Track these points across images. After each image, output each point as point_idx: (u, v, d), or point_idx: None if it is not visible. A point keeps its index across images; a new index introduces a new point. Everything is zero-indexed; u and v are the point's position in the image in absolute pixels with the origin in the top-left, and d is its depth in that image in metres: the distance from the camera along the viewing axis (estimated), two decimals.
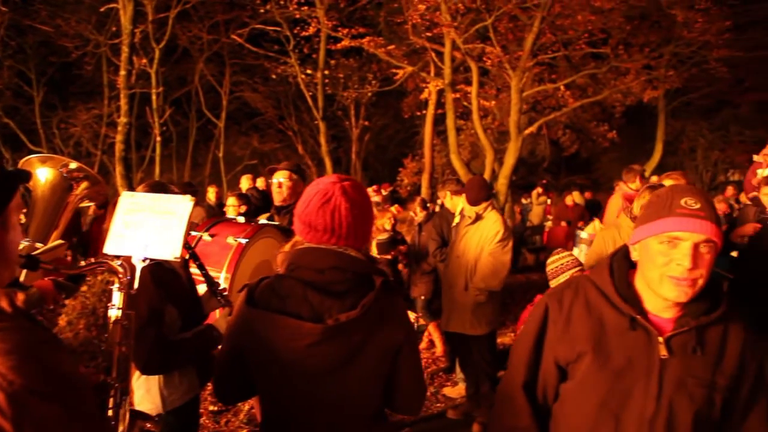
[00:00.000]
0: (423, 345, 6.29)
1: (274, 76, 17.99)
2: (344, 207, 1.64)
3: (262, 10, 15.53)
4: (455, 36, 11.83)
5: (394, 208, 9.13)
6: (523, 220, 13.34)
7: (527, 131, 12.91)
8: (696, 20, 12.52)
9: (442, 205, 6.04)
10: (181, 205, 1.98)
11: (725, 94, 18.94)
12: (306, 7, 14.99)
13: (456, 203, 5.29)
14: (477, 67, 12.20)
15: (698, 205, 1.43)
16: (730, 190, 11.13)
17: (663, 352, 1.48)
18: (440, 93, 14.15)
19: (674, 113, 19.75)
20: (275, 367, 1.62)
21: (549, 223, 12.06)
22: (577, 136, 18.78)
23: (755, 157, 5.33)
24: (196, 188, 7.25)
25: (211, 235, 3.68)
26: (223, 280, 3.44)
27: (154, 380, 2.39)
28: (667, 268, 1.43)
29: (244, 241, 3.55)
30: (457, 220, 4.86)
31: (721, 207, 7.42)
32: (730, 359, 1.51)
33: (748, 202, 5.58)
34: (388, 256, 4.94)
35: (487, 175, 12.27)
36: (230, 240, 3.57)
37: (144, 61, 15.26)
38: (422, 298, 5.80)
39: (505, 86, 13.56)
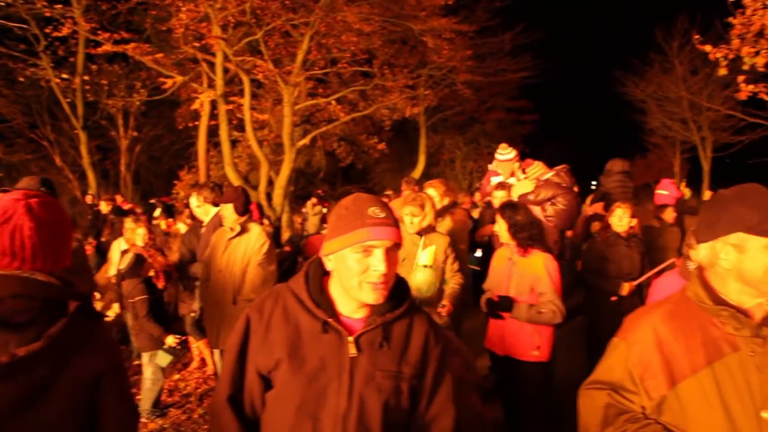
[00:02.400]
0: (195, 365, 6.12)
1: (22, 79, 15.97)
2: (27, 227, 1.51)
3: (2, 3, 13.71)
4: (226, 48, 11.78)
5: (163, 223, 8.75)
6: (302, 229, 13.68)
7: (300, 143, 13.33)
8: (443, 47, 14.15)
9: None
10: None
11: (474, 112, 21.71)
12: (60, 5, 13.63)
13: (208, 211, 5.15)
14: (249, 79, 12.29)
15: (384, 214, 1.55)
16: (478, 196, 12.73)
17: (352, 350, 1.57)
18: (214, 104, 13.94)
19: (435, 128, 22.00)
20: None
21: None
22: (351, 148, 19.85)
23: (490, 167, 6.23)
24: None
25: None
26: None
27: None
28: (366, 275, 1.53)
29: None
30: (229, 234, 4.59)
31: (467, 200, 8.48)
32: (415, 349, 1.65)
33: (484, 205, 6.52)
34: (137, 278, 4.63)
35: (262, 187, 12.41)
36: None
37: None
38: (191, 315, 5.57)
39: (280, 99, 13.86)
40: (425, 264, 3.53)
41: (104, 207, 10.41)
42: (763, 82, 9.09)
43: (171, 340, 4.52)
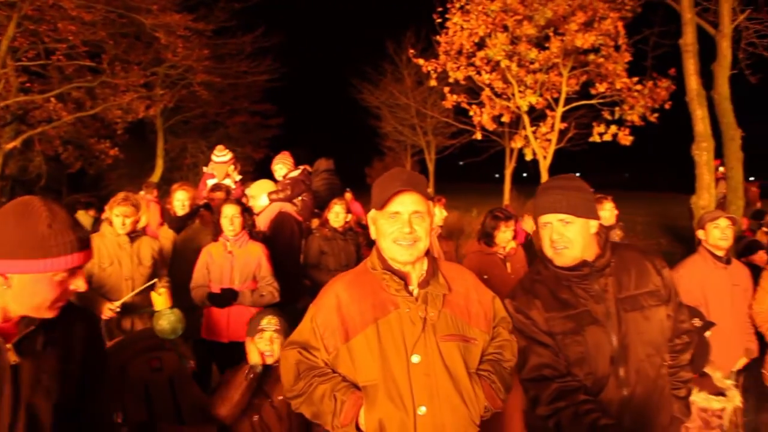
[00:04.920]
0: None
1: None
2: None
3: None
4: None
5: None
6: None
7: (10, 145, 11.60)
8: (178, 45, 13.56)
9: None
10: None
11: (217, 115, 21.15)
12: None
13: None
14: None
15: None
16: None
17: (13, 358, 1.47)
18: None
19: (175, 131, 20.93)
20: None
21: None
22: (79, 153, 17.76)
23: (205, 169, 6.26)
24: None
25: None
26: None
27: None
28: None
29: None
30: None
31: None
32: (78, 344, 1.62)
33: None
34: None
35: None
36: None
37: None
38: None
39: None
40: (165, 308, 3.33)
41: None
42: (464, 93, 10.70)
43: None
